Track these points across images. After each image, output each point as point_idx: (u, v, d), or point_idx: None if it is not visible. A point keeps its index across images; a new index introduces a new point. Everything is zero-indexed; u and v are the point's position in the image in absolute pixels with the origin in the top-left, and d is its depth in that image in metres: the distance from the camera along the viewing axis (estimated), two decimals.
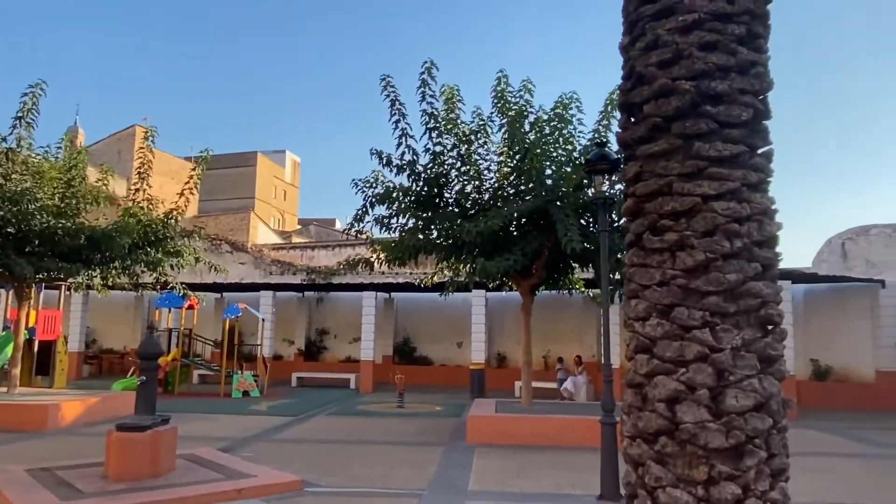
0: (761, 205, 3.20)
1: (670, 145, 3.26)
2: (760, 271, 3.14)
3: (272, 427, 12.45)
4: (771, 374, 3.08)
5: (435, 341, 23.17)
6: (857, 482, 8.75)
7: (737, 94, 3.22)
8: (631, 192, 3.45)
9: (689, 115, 3.22)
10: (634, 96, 3.45)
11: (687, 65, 3.24)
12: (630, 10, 3.58)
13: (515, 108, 12.45)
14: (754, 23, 3.34)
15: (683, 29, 3.29)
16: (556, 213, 11.19)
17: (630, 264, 3.41)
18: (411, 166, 12.44)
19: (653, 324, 3.19)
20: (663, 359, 3.12)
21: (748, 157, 3.22)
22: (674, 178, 3.22)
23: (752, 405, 2.97)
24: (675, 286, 3.14)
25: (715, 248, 3.09)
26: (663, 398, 3.09)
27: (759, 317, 3.13)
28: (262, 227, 35.91)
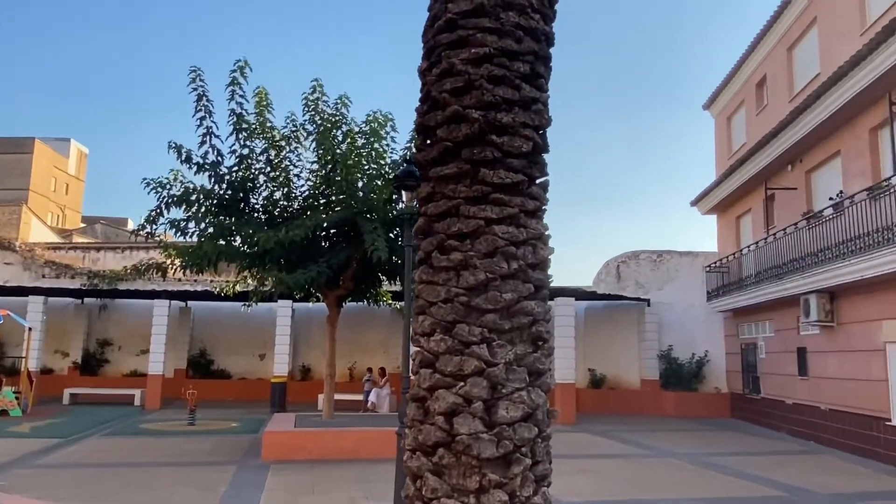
0: (536, 230, 3.48)
1: (459, 169, 3.42)
2: (533, 291, 3.40)
3: (35, 451, 10.96)
4: (538, 386, 3.34)
5: (235, 353, 22.03)
6: (618, 480, 9.83)
7: (519, 127, 3.47)
8: (423, 211, 3.56)
9: (478, 143, 3.41)
10: (429, 119, 3.58)
11: (477, 95, 3.43)
12: (429, 37, 3.72)
13: (330, 119, 12.36)
14: (537, 63, 3.63)
15: (475, 61, 3.48)
16: (364, 225, 11.26)
17: (419, 281, 3.51)
18: (215, 167, 11.79)
19: (437, 339, 3.30)
20: (444, 373, 3.25)
21: (527, 186, 3.49)
22: (461, 200, 3.39)
23: (520, 416, 3.19)
24: (458, 303, 3.29)
25: (494, 269, 3.29)
26: (443, 411, 3.20)
27: (531, 333, 3.38)
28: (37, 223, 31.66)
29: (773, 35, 16.65)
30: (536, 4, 3.66)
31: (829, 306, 12.84)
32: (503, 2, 3.55)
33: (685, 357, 19.45)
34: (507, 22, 3.53)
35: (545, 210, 3.63)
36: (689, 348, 19.59)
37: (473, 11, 3.54)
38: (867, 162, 12.13)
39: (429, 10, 3.83)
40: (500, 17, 3.53)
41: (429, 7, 3.83)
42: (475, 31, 3.52)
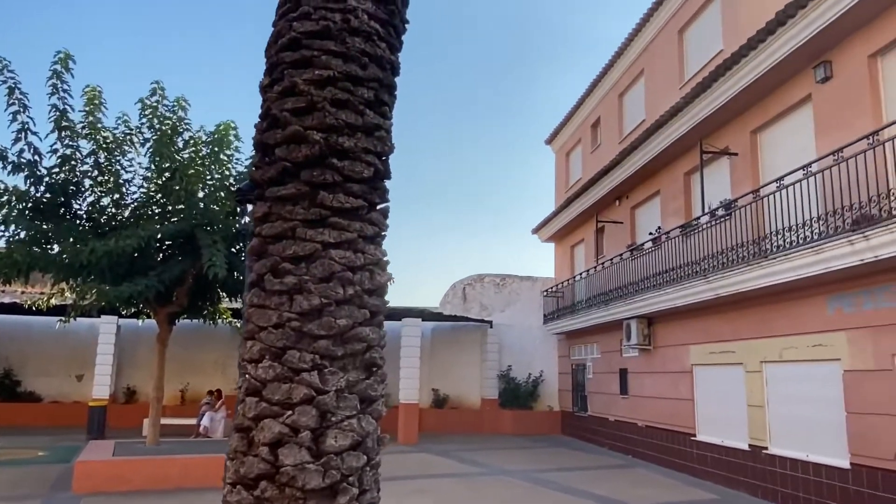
0: (374, 256, 3.48)
1: (298, 191, 3.34)
2: (368, 317, 3.39)
3: None
4: (369, 413, 3.32)
5: (47, 374, 19.74)
6: (452, 500, 10.02)
7: (361, 153, 3.47)
8: (258, 231, 3.44)
9: (318, 165, 3.36)
10: (268, 137, 3.48)
11: (319, 117, 3.39)
12: (272, 54, 3.63)
13: (168, 123, 11.61)
14: (382, 90, 3.67)
15: (319, 83, 3.44)
16: (203, 238, 10.66)
17: (250, 304, 3.37)
18: (31, 167, 10.61)
19: (265, 366, 3.18)
20: (271, 402, 3.13)
21: (366, 212, 3.49)
22: (298, 223, 3.31)
23: (349, 444, 3.15)
24: (290, 329, 3.19)
25: (329, 294, 3.24)
26: (267, 441, 3.08)
27: (364, 360, 3.37)
28: None
29: (608, 81, 18.22)
30: (383, 33, 3.71)
31: (647, 331, 14.11)
32: (349, 27, 3.55)
33: (523, 377, 20.40)
34: (352, 47, 3.54)
35: (384, 236, 3.65)
36: (526, 368, 20.58)
37: (319, 33, 3.50)
38: (681, 202, 13.57)
39: (273, 25, 3.74)
40: (345, 41, 3.52)
41: (273, 23, 3.74)
42: (320, 52, 3.49)
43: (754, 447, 10.33)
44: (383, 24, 3.73)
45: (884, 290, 8.00)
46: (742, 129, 11.35)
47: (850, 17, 8.46)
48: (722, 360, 11.42)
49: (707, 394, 12.04)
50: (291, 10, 3.62)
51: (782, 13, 9.07)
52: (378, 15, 3.70)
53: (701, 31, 13.67)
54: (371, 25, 3.63)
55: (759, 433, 10.26)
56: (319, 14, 3.52)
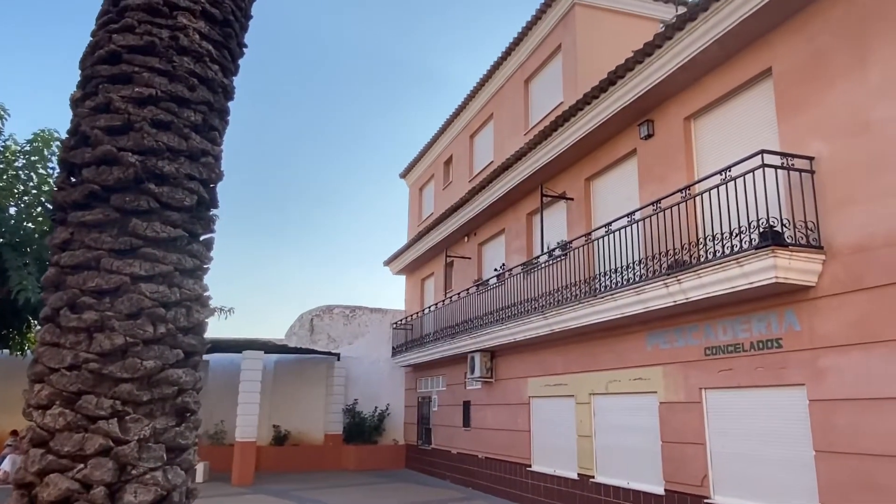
0: (193, 291, 3.24)
1: (106, 217, 3.04)
2: (182, 358, 3.13)
3: None
4: (178, 464, 3.04)
5: None
6: None
7: (184, 179, 3.24)
8: (56, 260, 3.07)
9: (132, 190, 3.09)
10: (76, 156, 3.14)
11: (136, 138, 3.12)
12: (87, 65, 3.32)
13: None
14: (212, 115, 3.47)
15: (139, 101, 3.18)
16: (11, 258, 9.51)
17: (41, 342, 2.98)
18: None
19: (55, 413, 2.82)
20: (60, 454, 2.77)
21: (186, 243, 3.25)
22: (104, 252, 3.00)
23: (151, 500, 2.86)
24: (87, 371, 2.86)
25: (137, 333, 2.95)
26: (53, 499, 2.71)
27: (175, 405, 3.09)
28: None
29: (460, 122, 18.88)
30: (217, 55, 3.53)
31: (490, 363, 14.52)
32: (178, 45, 3.34)
33: (369, 410, 20.12)
34: (180, 67, 3.32)
35: (207, 269, 3.41)
36: (373, 402, 20.33)
37: (142, 48, 3.26)
38: (524, 241, 14.24)
39: (92, 35, 3.42)
40: (172, 60, 3.30)
41: (92, 32, 3.43)
42: (142, 69, 3.24)
43: (582, 476, 10.88)
44: (217, 45, 3.55)
45: (693, 329, 8.84)
46: (577, 175, 12.19)
47: (669, 83, 9.44)
48: (556, 392, 12.00)
49: (542, 425, 12.56)
50: (113, 20, 3.34)
51: (613, 73, 9.92)
52: (212, 36, 3.52)
53: (545, 82, 14.61)
54: (203, 46, 3.44)
55: (586, 462, 10.84)
56: (144, 28, 3.28)
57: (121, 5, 3.35)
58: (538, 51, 14.77)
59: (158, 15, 3.33)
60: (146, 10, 3.32)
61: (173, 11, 3.36)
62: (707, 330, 8.59)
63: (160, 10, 3.33)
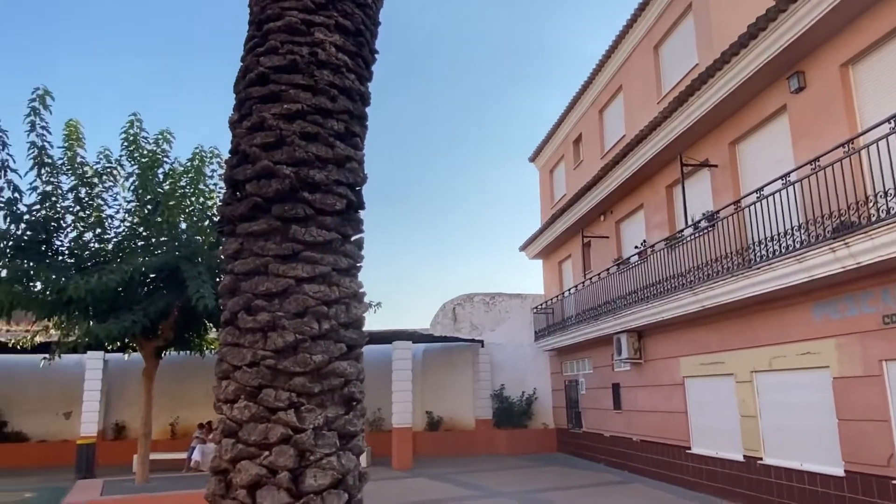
0: (350, 289, 3.45)
1: (269, 226, 3.32)
2: (345, 351, 3.35)
3: None
4: (349, 449, 3.26)
5: (34, 413, 19.41)
6: None
7: (333, 185, 3.46)
8: (230, 269, 3.40)
9: (289, 199, 3.34)
10: (238, 173, 3.45)
11: (289, 151, 3.37)
12: (240, 89, 3.62)
13: (149, 155, 11.57)
14: (352, 122, 3.66)
15: (288, 116, 3.43)
16: (187, 270, 10.56)
17: (224, 343, 3.32)
18: (11, 205, 10.50)
19: (241, 406, 3.13)
20: (248, 442, 3.07)
21: (340, 244, 3.46)
22: (270, 258, 3.28)
23: (329, 483, 3.09)
24: (265, 367, 3.15)
25: (304, 330, 3.20)
26: (245, 484, 3.02)
27: (343, 395, 3.32)
28: None
29: (587, 98, 18.38)
30: (352, 65, 3.71)
31: (638, 344, 14.09)
32: (317, 60, 3.55)
33: (516, 395, 20.28)
34: (321, 80, 3.54)
35: (360, 267, 3.62)
36: (519, 387, 20.46)
37: (286, 67, 3.50)
38: (664, 215, 13.63)
39: (241, 60, 3.74)
40: (314, 74, 3.52)
41: (241, 58, 3.74)
42: (288, 86, 3.48)
43: (749, 457, 10.28)
44: (352, 55, 3.74)
45: (867, 296, 8.03)
46: (720, 140, 11.45)
47: (820, 28, 8.59)
48: (712, 371, 11.40)
49: (699, 405, 12.00)
50: (259, 44, 3.62)
51: (754, 26, 9.19)
52: (346, 47, 3.71)
53: (675, 47, 13.84)
54: (339, 58, 3.64)
55: (752, 443, 10.22)
56: (287, 48, 3.53)
57: (264, 29, 3.62)
58: (666, 14, 14.02)
59: (297, 34, 3.57)
60: (287, 31, 3.57)
61: (310, 28, 3.58)
62: (884, 296, 7.78)
63: (299, 28, 3.56)
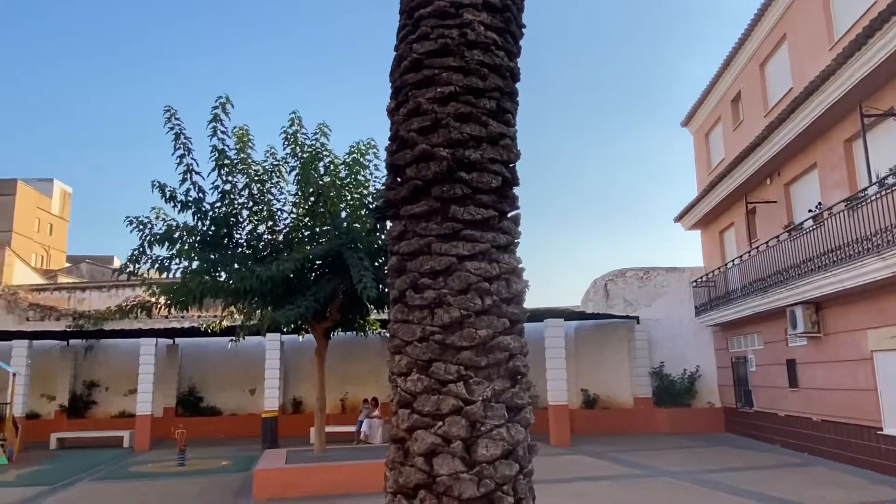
0: (509, 265, 3.49)
1: (430, 207, 3.44)
2: (508, 326, 3.41)
3: (20, 501, 10.72)
4: (518, 421, 3.32)
5: (225, 389, 21.77)
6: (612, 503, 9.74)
7: (488, 163, 3.51)
8: (395, 250, 3.57)
9: (447, 180, 3.44)
10: (398, 159, 3.61)
11: (444, 133, 3.47)
12: (396, 77, 3.77)
13: (310, 151, 12.40)
14: (503, 99, 3.68)
15: (442, 99, 3.52)
16: (350, 256, 11.23)
17: (394, 320, 3.51)
18: (198, 204, 11.77)
19: (413, 379, 3.29)
20: (422, 413, 3.23)
21: (498, 221, 3.51)
22: (433, 238, 3.40)
23: (500, 453, 3.17)
24: (434, 342, 3.28)
25: (469, 306, 3.30)
26: (422, 452, 3.18)
27: (508, 369, 3.38)
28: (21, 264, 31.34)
29: (746, 52, 16.96)
30: (501, 42, 3.72)
31: (815, 317, 12.91)
32: (467, 41, 3.60)
33: (677, 373, 19.44)
34: (471, 60, 3.59)
35: (518, 243, 3.65)
36: (680, 364, 19.59)
37: (438, 51, 3.59)
38: (843, 173, 12.31)
39: (395, 50, 3.88)
40: (464, 55, 3.58)
41: (395, 47, 3.89)
42: (440, 70, 3.57)
43: None
44: (500, 32, 3.75)
45: None
46: None
47: None
48: None
49: (893, 382, 10.78)
50: (410, 32, 3.74)
51: None
52: (494, 24, 3.72)
53: None
54: (488, 36, 3.66)
55: None
56: (437, 33, 3.61)
57: (415, 16, 3.74)
58: None
59: (447, 17, 3.64)
60: (436, 16, 3.66)
61: (459, 10, 3.64)
62: None
63: (448, 11, 3.64)
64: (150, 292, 11.85)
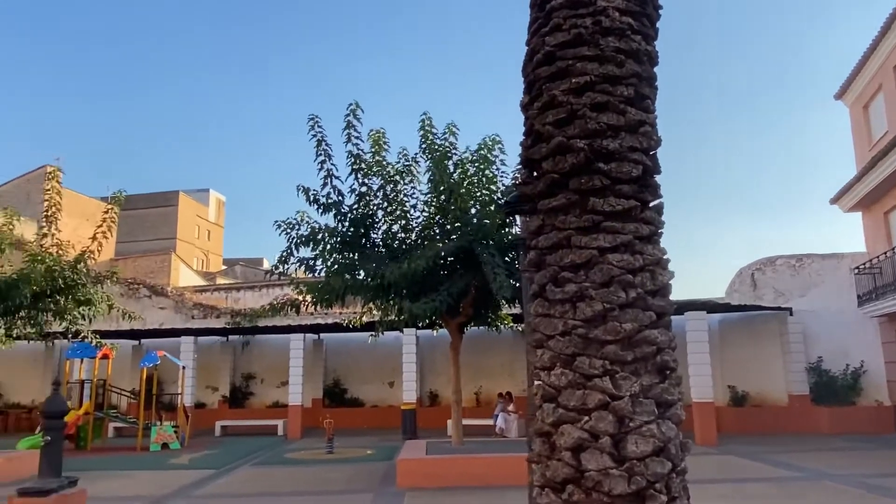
0: (653, 256, 3.38)
1: (568, 200, 3.40)
2: (655, 319, 3.30)
3: (192, 482, 11.89)
4: (668, 418, 3.21)
5: (366, 382, 22.85)
6: None
7: (627, 152, 3.41)
8: (534, 244, 3.57)
9: (584, 172, 3.38)
10: (534, 153, 3.60)
11: (581, 124, 3.41)
12: (528, 71, 3.76)
13: (440, 150, 12.68)
14: (641, 85, 3.56)
15: (576, 90, 3.47)
16: (481, 252, 11.36)
17: (535, 314, 3.51)
18: (337, 206, 12.42)
19: (557, 373, 3.28)
20: (568, 407, 3.21)
21: (639, 211, 3.41)
22: (572, 231, 3.37)
23: (651, 450, 3.08)
24: (577, 336, 3.25)
25: (611, 299, 3.23)
26: (569, 446, 3.16)
27: (656, 363, 3.27)
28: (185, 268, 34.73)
29: None
30: (637, 26, 3.60)
31: None
32: (602, 28, 3.52)
33: (838, 368, 17.81)
34: (606, 48, 3.50)
35: (661, 234, 3.52)
36: (841, 359, 17.93)
37: (571, 42, 3.54)
38: None
39: (527, 44, 3.87)
40: (599, 43, 3.50)
41: (527, 42, 3.87)
42: (574, 60, 3.52)
43: None
44: (635, 16, 3.63)
45: None
46: None
47: None
48: None
49: None
50: (542, 25, 3.71)
51: None
52: (629, 8, 3.61)
53: None
54: (623, 21, 3.56)
55: None
56: (570, 23, 3.56)
57: (546, 8, 3.71)
58: None
59: (580, 6, 3.58)
60: (568, 6, 3.60)
61: None
62: None
63: (581, 0, 3.57)
64: (298, 291, 12.70)
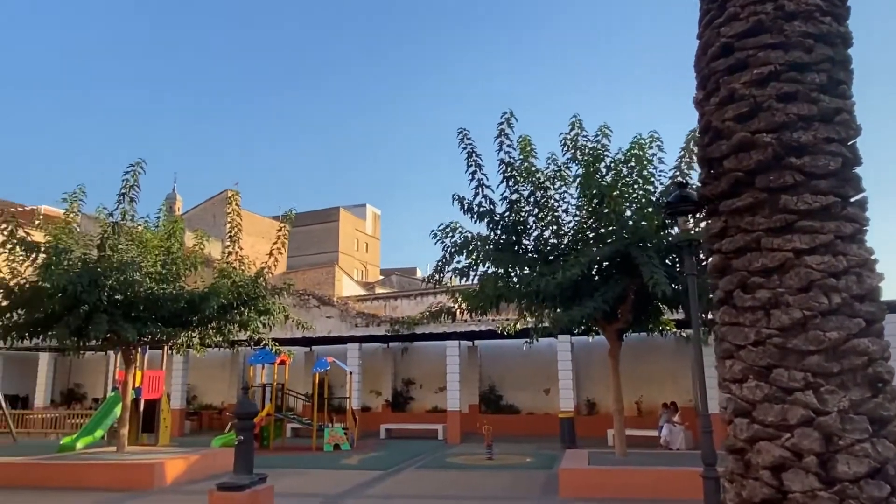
0: (859, 257, 3.06)
1: (755, 200, 3.18)
2: (864, 327, 2.98)
3: (363, 482, 12.55)
4: (885, 436, 2.89)
5: (521, 389, 22.83)
6: None
7: (822, 144, 3.13)
8: (716, 248, 3.38)
9: (773, 169, 3.15)
10: (713, 151, 3.41)
11: (766, 117, 3.18)
12: (703, 66, 3.58)
13: (591, 153, 12.40)
14: (835, 69, 3.25)
15: (759, 82, 3.24)
16: (639, 255, 10.94)
17: (721, 323, 3.31)
18: (490, 215, 12.56)
19: (751, 386, 3.07)
20: (764, 423, 2.99)
21: (840, 208, 3.11)
22: (761, 233, 3.14)
23: (865, 471, 2.79)
24: (772, 346, 3.02)
25: (812, 305, 2.97)
26: (768, 465, 2.95)
27: (867, 375, 2.96)
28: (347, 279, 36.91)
29: None
30: (825, 6, 3.30)
31: None
32: (785, 13, 3.27)
33: None
34: (791, 33, 3.24)
35: (867, 231, 3.18)
36: None
37: (750, 31, 3.32)
38: None
39: (698, 37, 3.69)
40: (783, 29, 3.25)
41: (698, 35, 3.69)
42: (755, 50, 3.29)
43: None
44: None
45: None
46: None
47: None
48: None
49: None
50: (716, 16, 3.52)
51: None
52: None
53: None
54: (809, 2, 3.28)
55: None
56: (748, 11, 3.35)
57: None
58: None
59: None
60: None
61: None
62: None
63: None
64: (453, 298, 13.00)
